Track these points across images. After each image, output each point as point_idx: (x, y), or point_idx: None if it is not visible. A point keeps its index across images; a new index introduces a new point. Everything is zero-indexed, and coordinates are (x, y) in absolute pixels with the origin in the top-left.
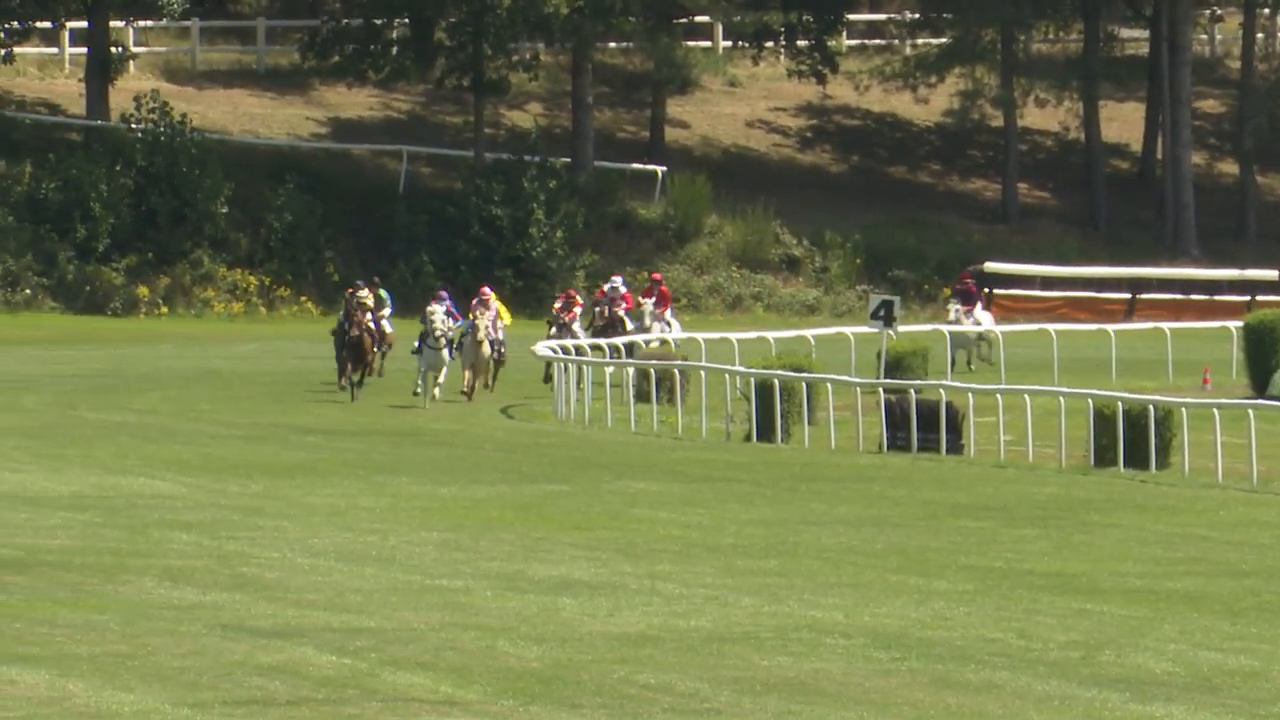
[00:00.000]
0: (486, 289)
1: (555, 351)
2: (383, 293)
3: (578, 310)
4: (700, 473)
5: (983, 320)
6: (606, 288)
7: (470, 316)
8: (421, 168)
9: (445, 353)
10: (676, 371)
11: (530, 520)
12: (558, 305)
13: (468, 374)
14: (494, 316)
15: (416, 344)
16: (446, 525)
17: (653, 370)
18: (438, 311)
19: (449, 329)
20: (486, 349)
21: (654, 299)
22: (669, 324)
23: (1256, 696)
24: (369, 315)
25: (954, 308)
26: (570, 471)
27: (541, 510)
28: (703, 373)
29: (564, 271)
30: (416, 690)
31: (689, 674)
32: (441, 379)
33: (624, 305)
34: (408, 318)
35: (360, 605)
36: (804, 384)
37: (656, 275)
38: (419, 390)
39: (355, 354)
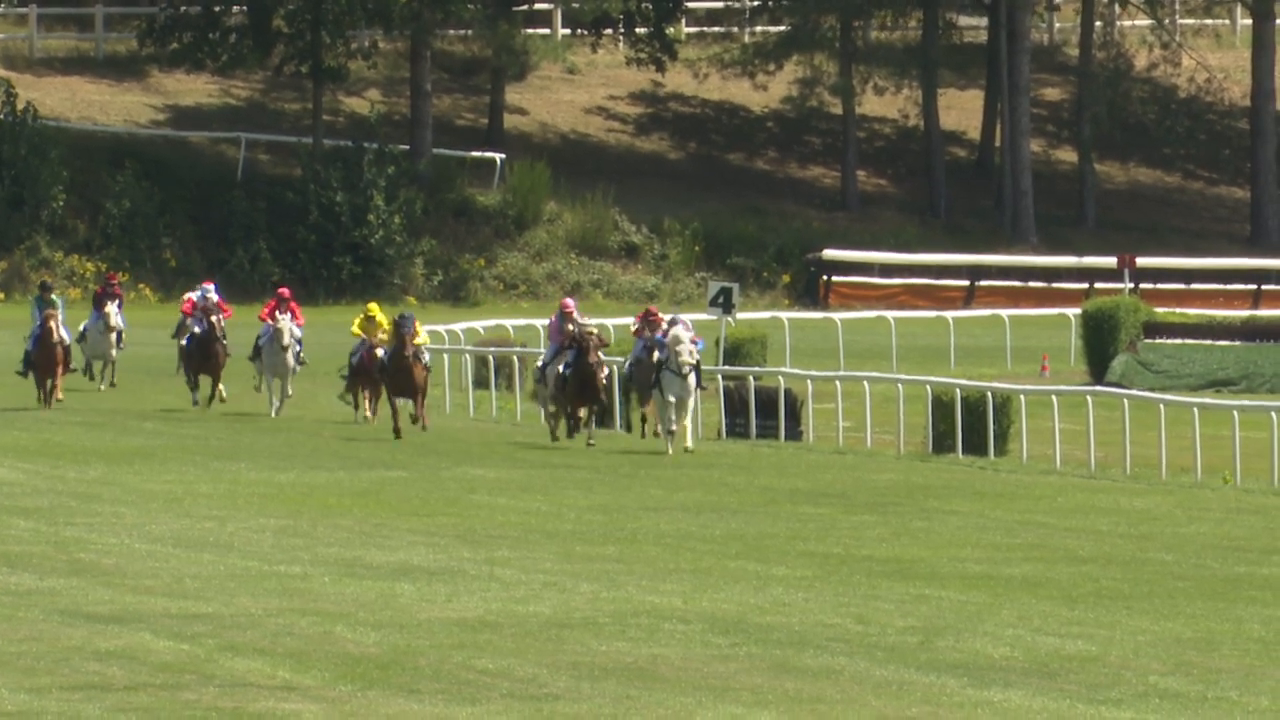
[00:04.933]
0: (285, 289)
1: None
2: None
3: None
4: (539, 459)
5: None
6: (196, 295)
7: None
8: (260, 155)
9: (691, 380)
10: (515, 358)
11: (368, 506)
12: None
13: (276, 382)
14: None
15: (654, 378)
16: (284, 511)
17: (491, 357)
18: (684, 338)
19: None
20: (290, 357)
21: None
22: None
23: (1093, 681)
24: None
25: None
26: (408, 458)
27: (380, 496)
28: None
29: (403, 258)
30: (254, 675)
31: (527, 659)
32: (691, 423)
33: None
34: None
35: (198, 591)
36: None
37: (112, 275)
38: (659, 431)
39: (409, 381)
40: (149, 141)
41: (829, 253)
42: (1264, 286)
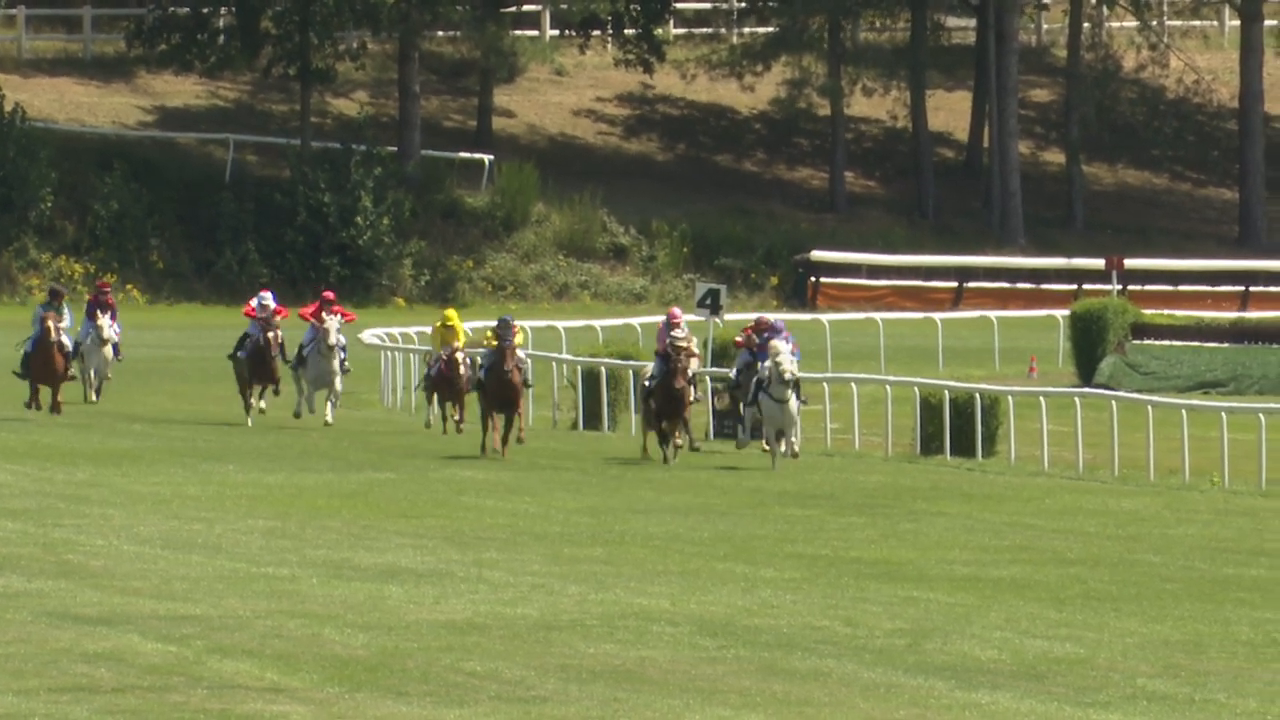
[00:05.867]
0: (330, 292)
1: (383, 340)
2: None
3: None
4: (527, 461)
5: None
6: (255, 303)
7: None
8: (248, 156)
9: (793, 402)
10: None
11: (357, 508)
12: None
13: (321, 391)
14: (339, 322)
15: (750, 393)
16: (273, 513)
17: (479, 359)
18: (783, 350)
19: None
20: (336, 361)
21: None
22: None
23: (1082, 684)
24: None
25: None
26: (397, 459)
27: (368, 498)
28: (529, 361)
29: (391, 260)
30: (242, 677)
31: (516, 661)
32: (797, 436)
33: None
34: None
35: (186, 593)
36: (631, 372)
37: (104, 284)
38: (766, 449)
39: (508, 395)
40: (137, 143)
41: (817, 254)
42: (1252, 288)
